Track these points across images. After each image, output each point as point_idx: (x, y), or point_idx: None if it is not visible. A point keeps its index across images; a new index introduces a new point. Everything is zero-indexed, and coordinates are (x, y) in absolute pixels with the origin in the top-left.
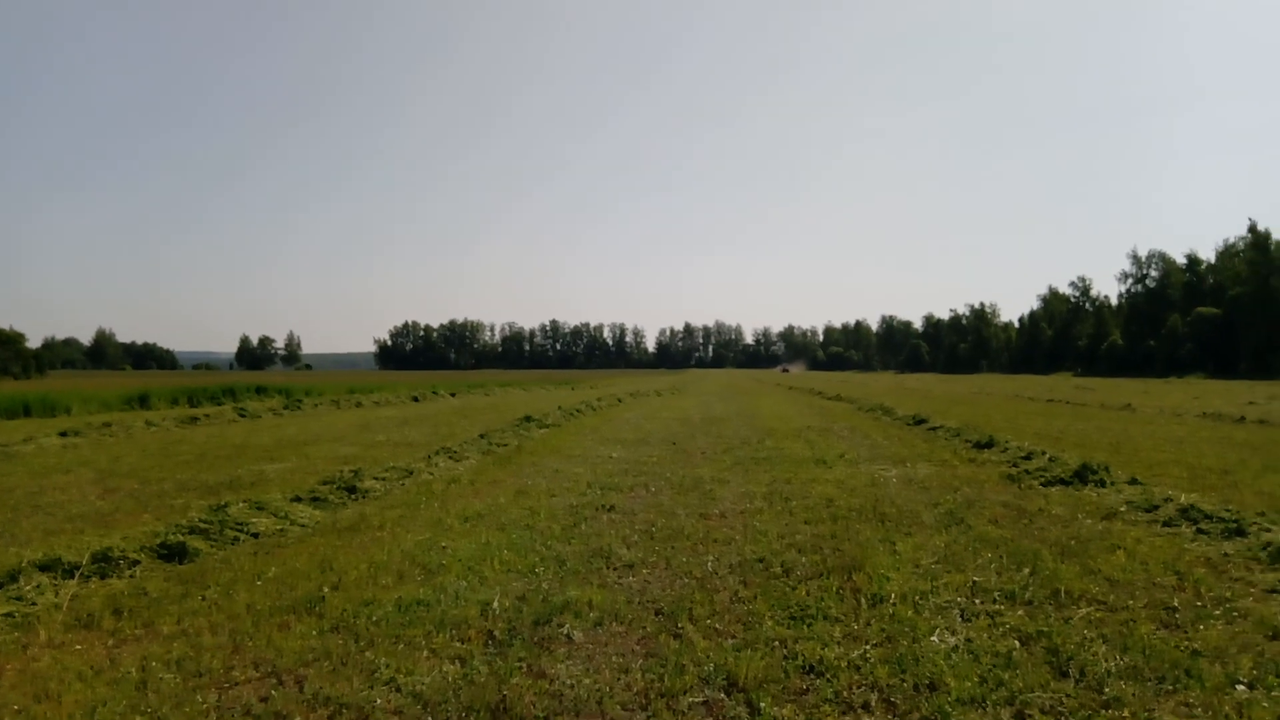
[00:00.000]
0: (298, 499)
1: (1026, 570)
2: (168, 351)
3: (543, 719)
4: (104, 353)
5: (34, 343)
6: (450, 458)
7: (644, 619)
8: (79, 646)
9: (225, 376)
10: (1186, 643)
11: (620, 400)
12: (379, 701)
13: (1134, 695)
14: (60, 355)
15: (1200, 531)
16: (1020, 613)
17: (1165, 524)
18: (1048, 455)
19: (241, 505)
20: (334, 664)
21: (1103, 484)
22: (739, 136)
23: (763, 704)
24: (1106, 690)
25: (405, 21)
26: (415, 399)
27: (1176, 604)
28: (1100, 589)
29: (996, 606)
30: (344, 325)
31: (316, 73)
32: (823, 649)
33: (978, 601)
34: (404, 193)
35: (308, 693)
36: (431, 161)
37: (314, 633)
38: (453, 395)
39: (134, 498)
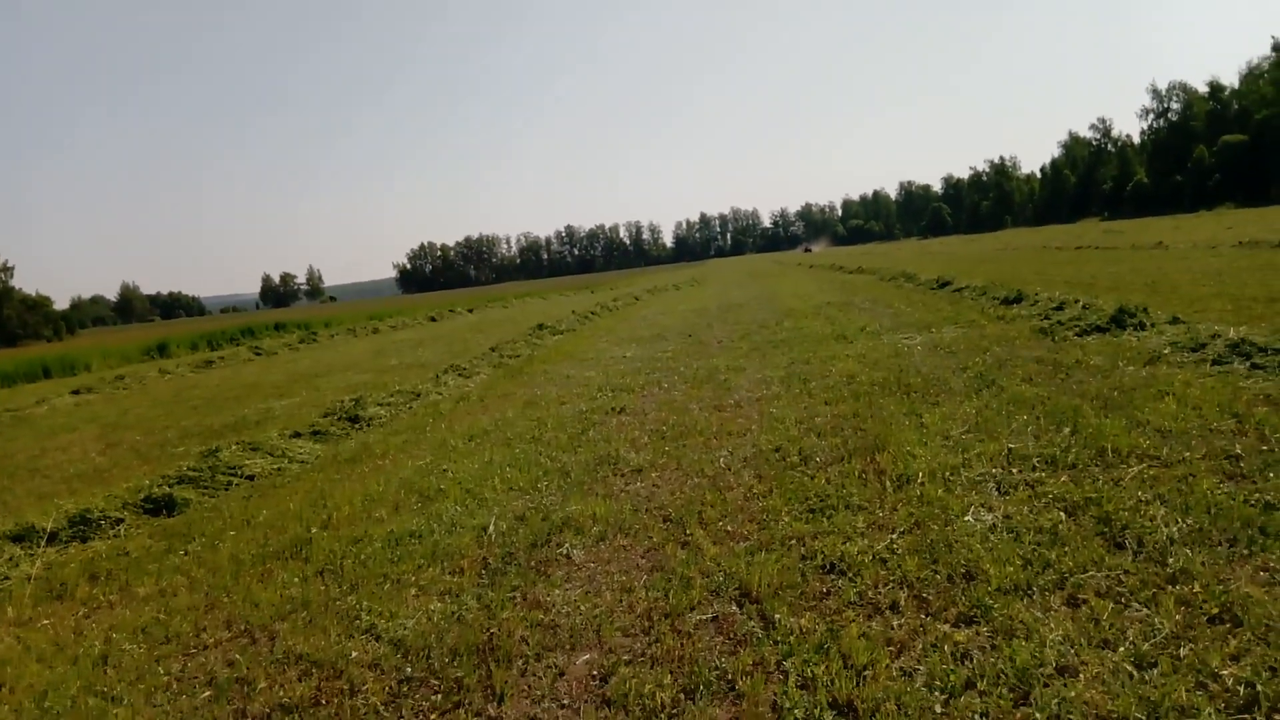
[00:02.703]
0: (296, 435)
1: (1067, 430)
2: (194, 299)
3: (533, 656)
4: (131, 306)
5: (61, 304)
6: (460, 375)
7: (650, 528)
8: (46, 621)
9: (245, 317)
10: (1256, 495)
11: (637, 298)
12: (354, 654)
13: (1203, 564)
14: (89, 314)
15: (1255, 367)
16: (1064, 479)
17: (1215, 363)
18: (1081, 303)
19: (234, 448)
20: (311, 614)
21: (1142, 326)
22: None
23: (778, 615)
24: (1170, 561)
25: None
26: (433, 319)
27: (1239, 451)
28: (1151, 442)
29: (1036, 474)
30: (364, 254)
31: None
32: (844, 544)
33: (1015, 471)
34: (415, 115)
35: (278, 651)
36: (440, 79)
37: (297, 580)
38: (470, 311)
39: (135, 451)
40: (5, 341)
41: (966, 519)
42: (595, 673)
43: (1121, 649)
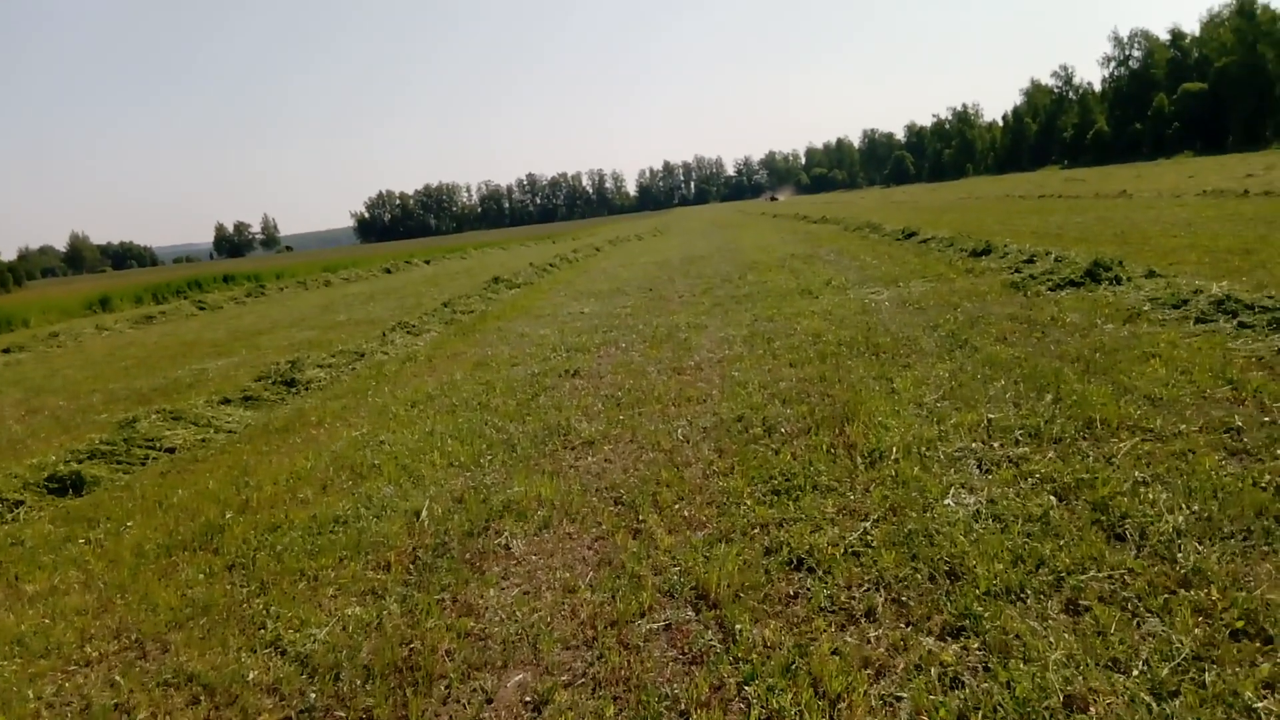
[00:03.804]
0: (226, 401)
1: (1049, 397)
2: (146, 249)
3: (458, 677)
4: (81, 257)
5: (8, 255)
6: (409, 333)
7: (600, 512)
8: None
9: (195, 268)
10: (1266, 477)
11: (598, 249)
12: (252, 675)
13: (1217, 563)
14: (38, 265)
15: (1243, 326)
16: (1050, 455)
17: (1199, 320)
18: (1052, 255)
19: (154, 418)
20: (211, 622)
21: (1118, 281)
22: None
23: (739, 625)
24: (1180, 559)
25: None
26: (387, 270)
27: (1239, 423)
28: (1142, 412)
29: (1020, 450)
30: (322, 202)
31: None
32: (812, 533)
33: (996, 445)
34: (378, 56)
35: (167, 669)
36: (405, 23)
37: (202, 576)
38: (427, 263)
39: (55, 419)
40: None
41: (946, 503)
42: (528, 699)
43: (1135, 672)
